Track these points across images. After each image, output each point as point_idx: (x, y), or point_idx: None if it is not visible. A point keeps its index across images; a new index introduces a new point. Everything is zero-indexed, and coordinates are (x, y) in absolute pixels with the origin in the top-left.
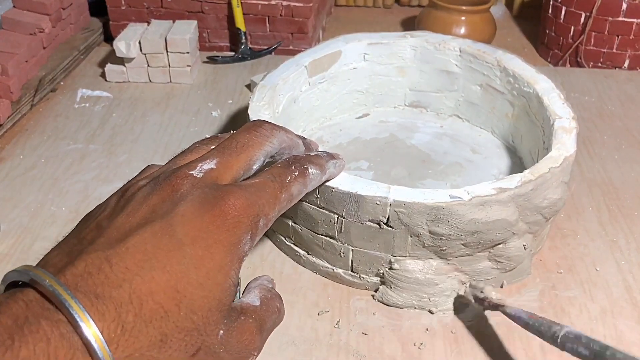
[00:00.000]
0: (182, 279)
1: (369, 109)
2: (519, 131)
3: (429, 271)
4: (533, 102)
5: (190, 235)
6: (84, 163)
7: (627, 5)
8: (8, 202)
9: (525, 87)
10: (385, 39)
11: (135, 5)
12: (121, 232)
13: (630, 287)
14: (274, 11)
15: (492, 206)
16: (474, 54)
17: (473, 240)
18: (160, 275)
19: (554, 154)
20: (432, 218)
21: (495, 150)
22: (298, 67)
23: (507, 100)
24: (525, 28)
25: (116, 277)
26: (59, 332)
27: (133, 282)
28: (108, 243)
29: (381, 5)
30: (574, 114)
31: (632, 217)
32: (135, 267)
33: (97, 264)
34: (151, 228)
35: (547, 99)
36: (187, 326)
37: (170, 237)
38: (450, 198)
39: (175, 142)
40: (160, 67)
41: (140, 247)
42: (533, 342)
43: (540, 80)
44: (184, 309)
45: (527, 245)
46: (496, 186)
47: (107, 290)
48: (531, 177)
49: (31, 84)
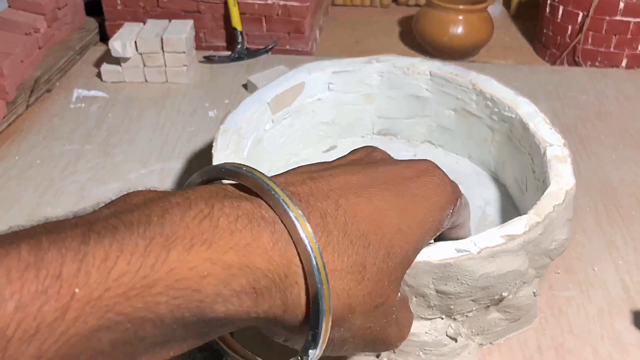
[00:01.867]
0: (385, 218)
1: (336, 141)
2: (501, 157)
3: (436, 332)
4: (516, 128)
5: (397, 183)
6: (80, 164)
7: (625, 5)
8: (3, 203)
9: (506, 111)
10: (350, 66)
11: (131, 5)
12: (324, 167)
13: (627, 287)
14: (270, 11)
15: (503, 257)
16: (446, 77)
17: (483, 296)
18: (365, 204)
19: (554, 188)
20: (439, 276)
21: (476, 177)
22: (261, 105)
23: (485, 125)
24: (522, 27)
25: (321, 191)
26: (261, 214)
27: (339, 200)
28: (309, 170)
29: (378, 5)
30: (564, 140)
31: (629, 217)
32: (339, 190)
33: (300, 178)
34: (362, 167)
35: (533, 125)
36: (383, 269)
37: (378, 175)
38: (457, 252)
39: (172, 143)
40: (156, 66)
41: (347, 174)
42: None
43: (521, 104)
44: (383, 249)
45: (536, 292)
46: (503, 233)
47: (313, 199)
48: (538, 219)
49: (26, 84)
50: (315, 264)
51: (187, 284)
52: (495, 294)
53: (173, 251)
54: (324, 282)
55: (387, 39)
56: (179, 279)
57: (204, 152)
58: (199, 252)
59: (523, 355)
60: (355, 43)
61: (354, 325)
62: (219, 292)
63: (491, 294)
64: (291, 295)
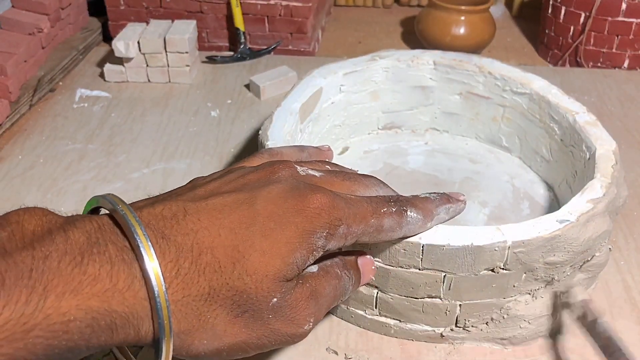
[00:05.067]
0: (246, 242)
1: (346, 141)
2: (513, 132)
3: (539, 302)
4: (533, 102)
5: (268, 210)
6: (83, 163)
7: (627, 5)
8: (6, 202)
9: (519, 88)
10: (358, 66)
11: (134, 5)
12: (208, 193)
13: (629, 287)
14: (273, 11)
15: (595, 220)
16: (450, 64)
17: (580, 259)
18: (226, 234)
19: (602, 151)
20: (547, 249)
21: (491, 155)
22: (293, 116)
23: (494, 104)
24: (524, 28)
25: (186, 225)
26: (122, 258)
27: (199, 233)
28: (192, 198)
29: (380, 5)
30: (584, 106)
31: (631, 217)
32: (207, 222)
33: (174, 210)
34: (235, 195)
35: (552, 96)
36: (237, 286)
37: (249, 207)
38: (560, 223)
39: (174, 142)
40: (159, 67)
41: (218, 207)
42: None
43: (533, 79)
44: (238, 268)
45: (611, 247)
46: (587, 199)
47: (174, 235)
48: (608, 181)
49: (30, 84)
50: (159, 302)
51: (59, 327)
52: (589, 255)
53: (48, 300)
54: (165, 317)
55: (389, 39)
56: (52, 324)
57: (205, 151)
58: (68, 300)
59: None
60: (358, 43)
61: (218, 333)
62: (82, 332)
63: (587, 256)
64: (143, 327)
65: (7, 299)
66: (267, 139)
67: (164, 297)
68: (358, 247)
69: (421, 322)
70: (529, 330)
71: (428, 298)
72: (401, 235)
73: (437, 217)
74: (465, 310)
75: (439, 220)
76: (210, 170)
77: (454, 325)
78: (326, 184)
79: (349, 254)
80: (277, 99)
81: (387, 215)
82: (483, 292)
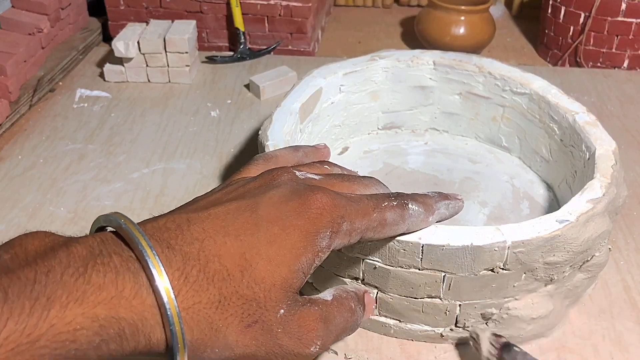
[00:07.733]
0: (252, 249)
1: (346, 141)
2: (513, 132)
3: (539, 301)
4: (532, 102)
5: (271, 215)
6: (83, 163)
7: (627, 5)
8: (6, 202)
9: (519, 88)
10: (358, 66)
11: (134, 5)
12: (210, 203)
13: (629, 287)
14: (273, 11)
15: (595, 220)
16: (450, 64)
17: (580, 260)
18: (232, 242)
19: (602, 151)
20: (547, 249)
21: (489, 155)
22: (292, 116)
23: (494, 104)
24: (524, 28)
25: (191, 235)
26: (127, 267)
27: (204, 242)
28: (194, 209)
29: (380, 5)
30: (584, 107)
31: (631, 217)
32: (211, 231)
33: (177, 221)
34: (237, 203)
35: (552, 97)
36: (247, 294)
37: (252, 213)
38: (560, 223)
39: (174, 142)
40: (159, 67)
41: (221, 215)
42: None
43: (532, 80)
44: (247, 277)
45: (610, 247)
46: (587, 199)
47: (179, 244)
48: (607, 181)
49: (30, 84)
50: (168, 309)
51: (65, 337)
52: (589, 255)
53: (53, 310)
54: (177, 324)
55: (389, 40)
56: (57, 333)
57: (205, 151)
58: (73, 309)
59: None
60: (358, 43)
61: (229, 343)
62: (90, 341)
63: (587, 256)
64: (154, 335)
65: (10, 312)
66: (267, 139)
67: (173, 303)
68: (363, 248)
69: (421, 322)
70: (529, 331)
71: (428, 298)
72: (405, 229)
73: (438, 212)
74: (465, 310)
75: (440, 215)
76: (210, 170)
77: (453, 325)
78: (326, 185)
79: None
80: (277, 99)
81: (389, 208)
82: (483, 292)
